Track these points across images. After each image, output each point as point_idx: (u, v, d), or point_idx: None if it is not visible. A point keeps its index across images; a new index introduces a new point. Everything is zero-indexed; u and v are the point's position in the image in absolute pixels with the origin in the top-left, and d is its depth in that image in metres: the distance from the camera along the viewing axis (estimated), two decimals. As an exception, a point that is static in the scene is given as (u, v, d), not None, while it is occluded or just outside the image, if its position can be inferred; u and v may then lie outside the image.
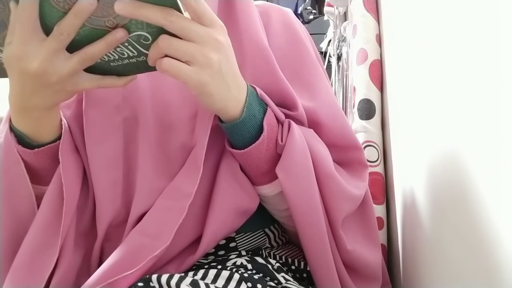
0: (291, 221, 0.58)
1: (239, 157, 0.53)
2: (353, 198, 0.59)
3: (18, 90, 0.47)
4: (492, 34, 0.42)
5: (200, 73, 0.44)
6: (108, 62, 0.46)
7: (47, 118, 0.51)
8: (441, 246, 0.56)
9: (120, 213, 0.56)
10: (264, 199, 0.58)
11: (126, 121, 0.57)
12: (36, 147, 0.52)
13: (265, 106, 0.53)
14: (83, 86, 0.47)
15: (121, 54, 0.45)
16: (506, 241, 0.40)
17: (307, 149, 0.54)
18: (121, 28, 0.43)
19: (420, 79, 0.66)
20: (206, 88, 0.45)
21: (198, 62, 0.43)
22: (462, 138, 0.50)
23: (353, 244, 0.59)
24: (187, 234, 0.53)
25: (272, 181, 0.55)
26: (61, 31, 0.42)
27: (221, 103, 0.48)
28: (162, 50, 0.43)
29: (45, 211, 0.53)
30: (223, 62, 0.45)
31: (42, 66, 0.43)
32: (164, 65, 0.43)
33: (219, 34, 0.45)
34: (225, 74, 0.46)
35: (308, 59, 0.63)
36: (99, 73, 0.48)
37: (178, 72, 0.43)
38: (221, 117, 0.51)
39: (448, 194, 0.54)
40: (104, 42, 0.43)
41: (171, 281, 0.45)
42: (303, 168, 0.53)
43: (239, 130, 0.51)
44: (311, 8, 2.05)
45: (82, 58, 0.44)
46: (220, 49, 0.45)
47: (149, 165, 0.55)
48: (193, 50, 0.43)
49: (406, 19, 0.76)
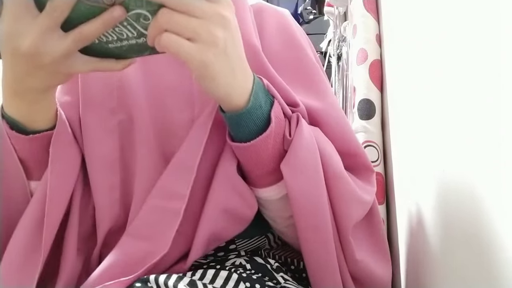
0: (295, 232, 0.54)
1: (242, 152, 0.49)
2: (363, 203, 0.55)
3: (10, 72, 0.44)
4: (492, 34, 0.42)
5: (203, 51, 0.40)
6: (106, 43, 0.43)
7: (42, 102, 0.48)
8: (442, 246, 0.56)
9: (119, 219, 0.54)
10: (268, 204, 0.54)
11: (121, 124, 0.55)
12: (30, 133, 0.49)
13: (272, 98, 0.49)
14: (78, 69, 0.44)
15: (120, 34, 0.42)
16: (507, 241, 0.40)
17: (316, 146, 0.50)
18: (119, 5, 0.39)
19: (420, 79, 0.65)
20: (209, 69, 0.41)
21: (201, 38, 0.39)
22: (462, 138, 0.49)
23: (362, 254, 0.55)
24: (180, 240, 0.50)
25: (278, 182, 0.51)
26: (54, 7, 0.39)
27: (224, 88, 0.44)
28: (162, 26, 0.39)
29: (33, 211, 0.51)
30: (229, 41, 0.41)
31: (34, 45, 0.40)
32: (163, 41, 0.39)
33: (225, 10, 0.40)
34: (230, 55, 0.42)
35: (307, 61, 0.60)
36: (96, 55, 0.45)
37: (178, 49, 0.39)
38: (224, 106, 0.47)
39: (448, 194, 0.53)
40: (100, 21, 0.40)
41: (169, 281, 0.45)
42: (311, 166, 0.49)
43: (244, 121, 0.46)
44: (311, 8, 2.05)
45: (77, 37, 0.41)
46: (226, 26, 0.40)
47: (147, 170, 0.53)
48: (196, 25, 0.39)
49: (406, 19, 0.75)
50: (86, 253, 0.55)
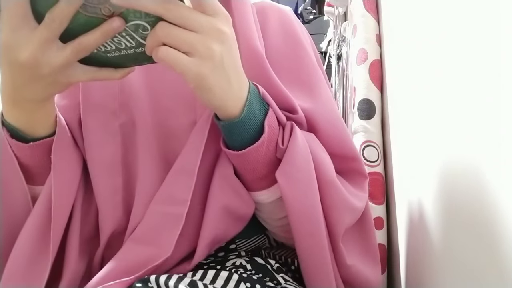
0: (285, 232, 0.56)
1: (236, 159, 0.50)
2: (354, 210, 0.56)
3: (8, 82, 0.44)
4: (492, 34, 0.42)
5: (199, 65, 0.40)
6: (104, 53, 0.44)
7: (41, 110, 0.48)
8: (443, 246, 0.56)
9: (121, 222, 0.54)
10: (259, 206, 0.55)
11: (123, 127, 0.55)
12: (31, 141, 0.49)
13: (266, 106, 0.50)
14: (77, 78, 0.44)
15: (119, 44, 0.43)
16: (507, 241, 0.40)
17: (310, 154, 0.50)
18: (117, 17, 0.40)
19: (420, 79, 0.66)
20: (206, 82, 0.42)
21: (198, 52, 0.40)
22: (462, 138, 0.49)
23: (353, 259, 0.56)
24: (183, 243, 0.51)
25: (269, 187, 0.52)
26: (53, 19, 0.39)
27: (220, 99, 0.44)
28: (160, 39, 0.40)
29: (38, 215, 0.51)
30: (226, 55, 0.42)
31: (33, 56, 0.40)
32: (160, 54, 0.40)
33: (222, 25, 0.41)
34: (227, 68, 0.43)
35: (307, 61, 0.60)
36: (95, 64, 0.45)
37: (175, 61, 0.40)
38: (219, 114, 0.48)
39: (448, 193, 0.54)
40: (99, 32, 0.40)
41: (170, 282, 0.45)
42: (305, 174, 0.49)
43: (237, 129, 0.47)
44: (311, 8, 2.05)
45: (76, 48, 0.41)
46: (223, 40, 0.41)
47: (149, 173, 0.53)
48: (193, 40, 0.40)
49: (406, 19, 0.76)
50: (89, 256, 0.55)
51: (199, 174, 0.50)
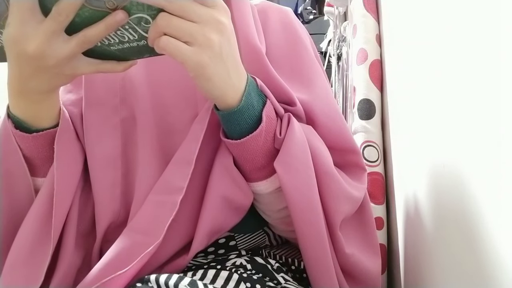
0: (285, 224, 0.57)
1: (234, 148, 0.51)
2: (352, 199, 0.57)
3: (15, 73, 0.46)
4: (492, 34, 0.42)
5: (199, 54, 0.42)
6: (108, 45, 0.45)
7: (46, 102, 0.50)
8: (443, 246, 0.56)
9: (119, 215, 0.55)
10: (258, 197, 0.56)
11: (124, 122, 0.57)
12: (34, 131, 0.51)
13: (264, 98, 0.51)
14: (81, 70, 0.46)
15: (122, 37, 0.44)
16: (506, 240, 0.40)
17: (307, 144, 0.52)
18: (121, 10, 0.41)
19: (420, 79, 0.66)
20: (205, 71, 0.43)
21: (197, 42, 0.42)
22: (462, 138, 0.49)
23: (351, 248, 0.57)
24: (180, 232, 0.52)
25: (268, 177, 0.53)
26: (59, 12, 0.40)
27: (219, 89, 0.46)
28: (161, 29, 0.41)
29: (40, 206, 0.52)
30: (224, 44, 0.43)
31: (40, 48, 0.42)
32: (162, 43, 0.41)
33: (221, 16, 0.43)
34: (226, 58, 0.44)
35: (307, 58, 0.62)
36: (98, 57, 0.47)
37: (175, 51, 0.42)
38: (218, 105, 0.49)
39: (448, 194, 0.54)
40: (103, 24, 0.42)
41: (170, 282, 0.45)
42: (303, 163, 0.51)
43: (236, 119, 0.49)
44: (311, 8, 2.05)
45: (80, 40, 0.43)
46: (222, 30, 0.43)
47: (149, 167, 0.54)
48: (193, 30, 0.41)
49: (406, 19, 0.76)
50: (85, 250, 0.56)
51: (199, 164, 0.51)
